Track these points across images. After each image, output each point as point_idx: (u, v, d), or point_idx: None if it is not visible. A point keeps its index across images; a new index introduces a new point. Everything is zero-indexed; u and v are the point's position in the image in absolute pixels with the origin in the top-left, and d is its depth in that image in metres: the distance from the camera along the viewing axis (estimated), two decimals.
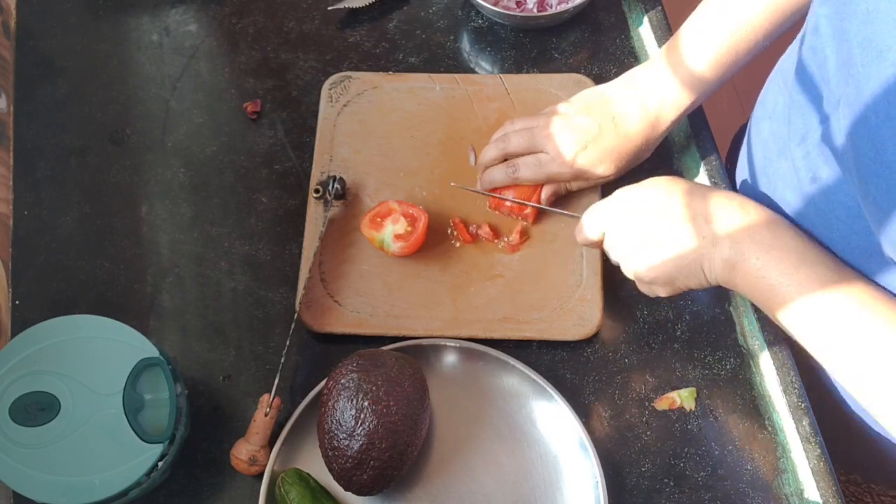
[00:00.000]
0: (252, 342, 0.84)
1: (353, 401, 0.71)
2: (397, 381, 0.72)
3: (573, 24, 0.99)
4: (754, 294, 0.67)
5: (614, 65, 0.97)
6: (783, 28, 0.78)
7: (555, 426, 0.78)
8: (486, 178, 0.87)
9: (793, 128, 0.70)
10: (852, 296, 0.62)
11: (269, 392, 0.77)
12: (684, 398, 0.80)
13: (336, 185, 0.86)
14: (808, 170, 0.67)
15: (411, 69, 0.97)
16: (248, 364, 0.83)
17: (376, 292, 0.84)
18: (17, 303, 0.87)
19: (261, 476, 0.75)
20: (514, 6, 0.98)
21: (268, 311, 0.85)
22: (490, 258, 0.86)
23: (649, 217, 0.71)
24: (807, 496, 0.76)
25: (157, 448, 0.70)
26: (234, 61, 0.99)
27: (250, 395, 0.81)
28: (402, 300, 0.84)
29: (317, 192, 0.87)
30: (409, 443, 0.72)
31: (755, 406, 0.80)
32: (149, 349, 0.73)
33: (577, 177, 0.84)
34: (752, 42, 0.78)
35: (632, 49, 0.98)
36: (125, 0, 1.03)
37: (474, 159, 0.91)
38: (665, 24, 0.97)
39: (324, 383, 0.75)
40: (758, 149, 0.81)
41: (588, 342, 0.83)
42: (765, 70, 0.82)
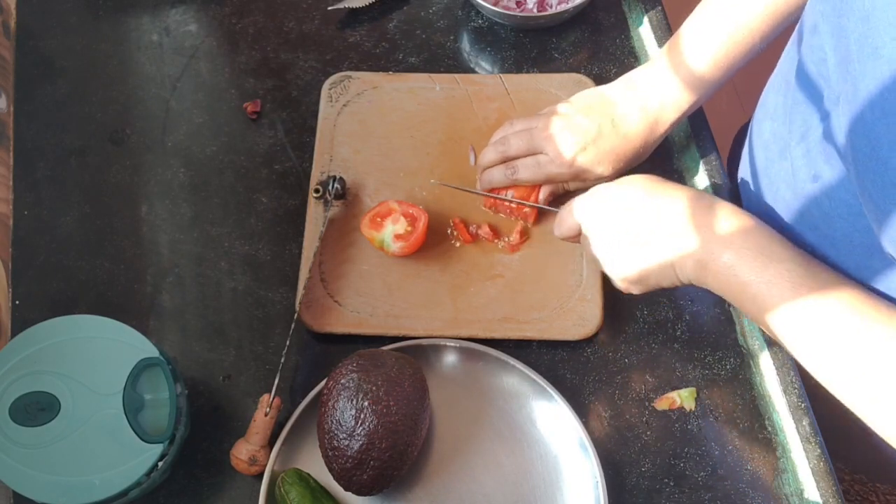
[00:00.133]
0: (252, 342, 0.84)
1: (353, 401, 0.71)
2: (397, 381, 0.72)
3: (573, 24, 0.99)
4: (725, 292, 0.68)
5: (614, 65, 0.97)
6: (780, 29, 0.78)
7: (555, 426, 0.78)
8: (486, 179, 0.87)
9: (793, 127, 0.70)
10: (822, 290, 0.63)
11: (269, 392, 0.77)
12: (684, 398, 0.80)
13: (336, 185, 0.86)
14: (809, 169, 0.67)
15: (411, 69, 0.97)
16: (248, 364, 0.83)
17: (376, 292, 0.84)
18: (17, 303, 0.87)
19: (261, 476, 0.75)
20: (514, 6, 0.98)
21: (268, 311, 0.85)
22: (490, 258, 0.86)
23: (623, 215, 0.72)
24: (807, 496, 0.76)
25: (157, 448, 0.70)
26: (234, 61, 0.99)
27: (250, 395, 0.81)
28: (402, 300, 0.84)
29: (317, 192, 0.87)
30: (409, 443, 0.72)
31: (755, 406, 0.80)
32: (149, 349, 0.73)
33: (576, 177, 0.84)
34: (750, 44, 0.79)
35: (632, 49, 0.98)
36: (125, 0, 1.03)
37: (474, 159, 0.91)
38: (665, 24, 0.97)
39: (324, 383, 0.75)
40: (759, 150, 0.81)
41: (588, 342, 0.83)
42: (765, 70, 0.82)
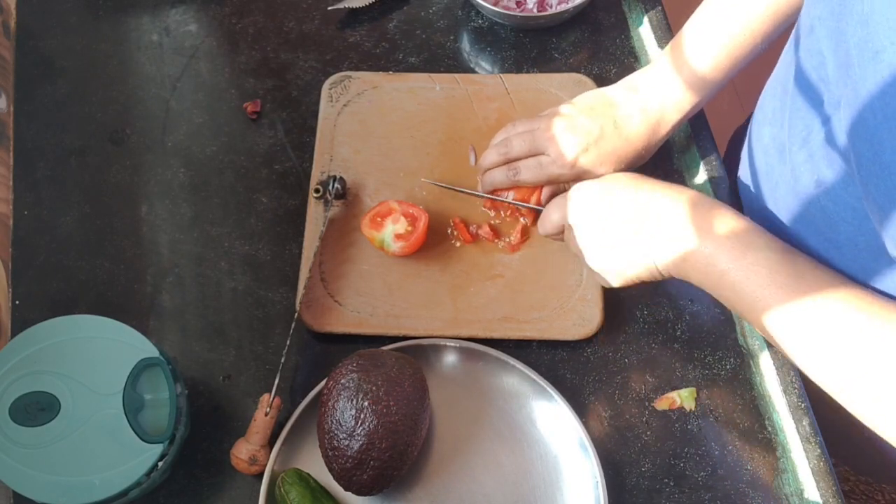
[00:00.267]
0: (252, 342, 0.84)
1: (353, 401, 0.71)
2: (397, 381, 0.72)
3: (573, 24, 0.99)
4: (705, 282, 0.68)
5: (614, 65, 0.97)
6: (782, 30, 0.78)
7: (555, 426, 0.78)
8: (487, 180, 0.87)
9: (793, 132, 0.70)
10: (801, 277, 0.63)
11: (269, 392, 0.77)
12: (684, 398, 0.80)
13: (336, 185, 0.86)
14: (811, 173, 0.67)
15: (411, 69, 0.97)
16: (248, 364, 0.83)
17: (376, 292, 0.84)
18: (17, 303, 0.87)
19: (261, 476, 0.75)
20: (514, 6, 0.98)
21: (268, 311, 0.85)
22: (490, 258, 0.86)
23: (605, 209, 0.73)
24: (807, 496, 0.76)
25: (157, 448, 0.70)
26: (234, 61, 0.99)
27: (250, 395, 0.81)
28: (403, 300, 0.84)
29: (317, 191, 0.87)
30: (409, 443, 0.72)
31: (755, 406, 0.80)
32: (149, 349, 0.73)
33: (578, 178, 0.84)
34: (751, 45, 0.79)
35: (632, 49, 0.98)
36: (125, 0, 1.03)
37: (474, 159, 0.91)
38: (665, 24, 0.97)
39: (324, 383, 0.75)
40: (759, 154, 0.81)
41: (588, 342, 0.83)
42: (765, 71, 0.82)
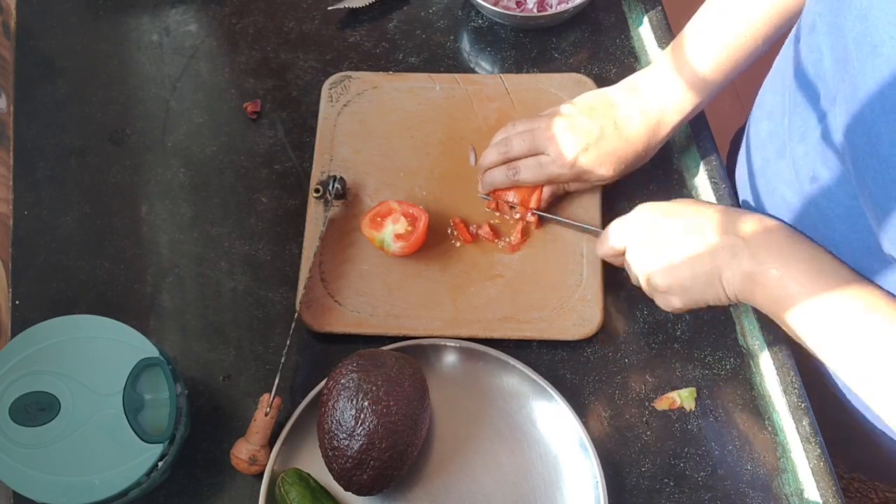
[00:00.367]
0: (252, 342, 0.84)
1: (353, 401, 0.71)
2: (397, 381, 0.72)
3: (573, 24, 0.99)
4: (774, 307, 0.67)
5: (614, 65, 0.97)
6: (783, 31, 0.78)
7: (555, 426, 0.78)
8: (487, 179, 0.87)
9: (792, 127, 0.70)
10: (871, 306, 0.62)
11: (269, 392, 0.77)
12: (684, 398, 0.80)
13: (336, 185, 0.86)
14: (808, 168, 0.67)
15: (411, 69, 0.97)
16: (248, 364, 0.83)
17: (376, 292, 0.84)
18: (17, 303, 0.87)
19: (261, 476, 0.75)
20: (514, 6, 0.98)
21: (268, 311, 0.85)
22: (490, 258, 0.86)
23: (671, 228, 0.72)
24: (807, 496, 0.76)
25: (157, 448, 0.70)
26: (234, 61, 0.99)
27: (250, 395, 0.81)
28: (403, 300, 0.84)
29: (317, 191, 0.87)
30: (409, 443, 0.72)
31: (755, 406, 0.80)
32: (149, 349, 0.73)
33: (578, 178, 0.84)
34: (752, 46, 0.79)
35: (632, 49, 0.98)
36: (125, 0, 1.03)
37: (474, 159, 0.91)
38: (665, 24, 0.97)
39: (324, 383, 0.75)
40: (756, 150, 0.81)
41: (588, 342, 0.83)
42: (766, 72, 0.82)
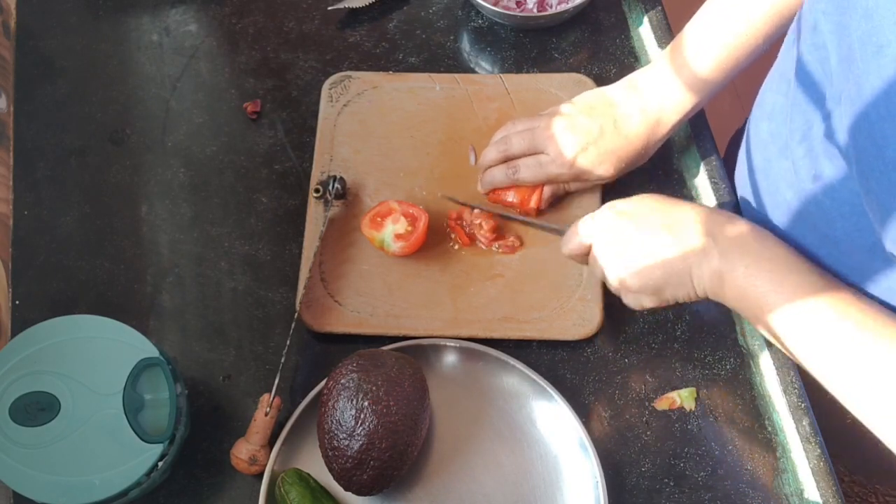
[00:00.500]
0: (252, 342, 0.84)
1: (353, 401, 0.71)
2: (397, 381, 0.72)
3: (573, 24, 0.99)
4: (742, 304, 0.68)
5: (614, 65, 0.97)
6: (783, 30, 0.78)
7: (555, 426, 0.78)
8: (487, 178, 0.87)
9: (794, 126, 0.69)
10: (839, 305, 0.63)
11: (269, 392, 0.77)
12: (684, 398, 0.80)
13: (336, 185, 0.86)
14: (810, 168, 0.67)
15: (411, 69, 0.97)
16: (248, 364, 0.83)
17: (376, 292, 0.84)
18: (17, 303, 0.87)
19: (261, 476, 0.75)
20: (514, 6, 0.98)
21: (268, 311, 0.85)
22: (490, 258, 0.86)
23: (638, 227, 0.72)
24: (807, 496, 0.76)
25: (157, 448, 0.70)
26: (234, 61, 0.99)
27: (250, 395, 0.81)
28: (403, 300, 0.84)
29: (317, 191, 0.87)
30: (409, 443, 0.72)
31: (755, 406, 0.80)
32: (149, 349, 0.73)
33: (577, 178, 0.84)
34: (753, 45, 0.79)
35: (632, 49, 0.98)
36: (125, 0, 1.03)
37: (474, 159, 0.91)
38: (665, 24, 0.97)
39: (324, 383, 0.75)
40: (757, 150, 0.81)
41: (588, 342, 0.83)
42: (766, 72, 0.82)
